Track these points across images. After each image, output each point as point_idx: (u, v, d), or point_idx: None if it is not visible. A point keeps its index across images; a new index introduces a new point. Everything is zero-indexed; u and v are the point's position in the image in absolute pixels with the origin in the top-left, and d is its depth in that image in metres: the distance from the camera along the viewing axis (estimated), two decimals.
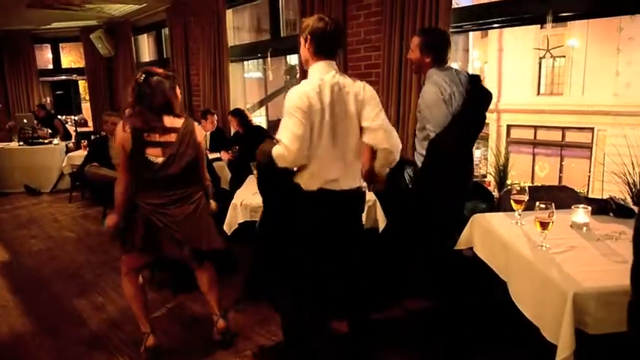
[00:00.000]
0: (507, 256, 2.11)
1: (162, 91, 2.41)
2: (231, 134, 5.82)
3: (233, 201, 3.20)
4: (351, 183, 2.23)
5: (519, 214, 2.33)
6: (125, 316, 3.20)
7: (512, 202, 2.34)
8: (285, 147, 2.05)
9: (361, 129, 2.16)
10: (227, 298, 3.29)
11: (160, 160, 2.40)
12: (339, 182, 2.17)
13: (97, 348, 2.83)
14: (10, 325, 3.15)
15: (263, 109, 9.77)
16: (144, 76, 2.42)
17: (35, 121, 7.93)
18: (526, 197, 2.30)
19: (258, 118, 9.17)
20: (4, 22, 8.13)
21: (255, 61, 7.58)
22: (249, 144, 4.88)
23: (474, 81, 2.80)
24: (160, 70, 2.48)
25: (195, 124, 2.57)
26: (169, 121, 2.44)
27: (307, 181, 2.15)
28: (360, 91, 2.15)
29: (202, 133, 2.63)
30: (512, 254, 2.07)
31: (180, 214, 2.48)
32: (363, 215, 2.45)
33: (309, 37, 2.13)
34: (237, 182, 4.06)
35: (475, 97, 2.77)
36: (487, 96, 2.84)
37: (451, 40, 3.52)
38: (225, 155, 5.20)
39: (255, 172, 3.36)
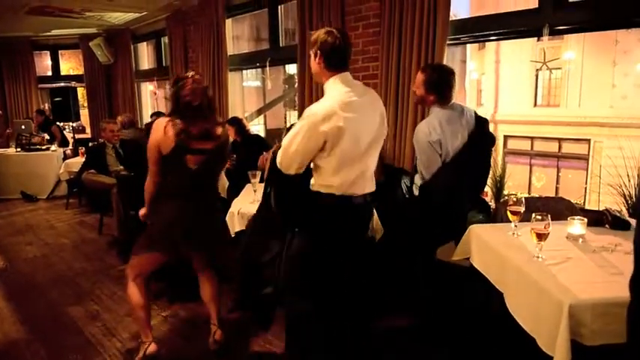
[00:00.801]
0: (503, 267, 2.11)
1: (203, 97, 2.42)
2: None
3: (230, 209, 3.20)
4: (368, 188, 2.24)
5: (515, 225, 2.34)
6: (120, 324, 3.19)
7: (508, 213, 2.35)
8: (282, 153, 2.10)
9: None
10: (222, 306, 3.29)
11: (195, 166, 2.43)
12: (359, 190, 2.18)
13: (93, 356, 2.81)
14: (5, 332, 3.13)
15: (261, 117, 9.80)
16: (183, 81, 2.41)
17: (34, 127, 7.94)
18: (522, 208, 2.31)
19: (257, 127, 9.19)
20: (3, 29, 8.14)
21: (253, 69, 7.61)
22: (247, 153, 4.91)
23: (480, 125, 2.84)
24: (197, 76, 2.46)
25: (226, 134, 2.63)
26: (209, 128, 2.45)
27: (326, 188, 2.14)
28: (379, 103, 2.24)
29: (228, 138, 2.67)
30: (508, 265, 2.07)
31: (199, 220, 2.53)
32: None
33: (318, 52, 2.11)
34: (234, 191, 4.05)
35: (476, 141, 2.80)
36: (490, 140, 2.90)
37: (445, 52, 3.59)
38: None
39: (253, 180, 3.37)
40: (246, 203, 3.23)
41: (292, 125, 2.28)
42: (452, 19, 3.73)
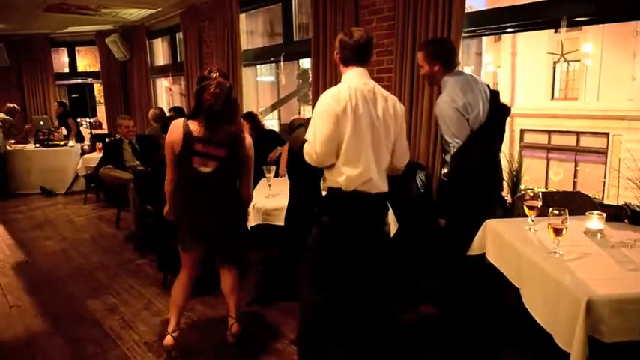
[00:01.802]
0: (520, 262, 2.10)
1: (226, 102, 2.43)
2: None
3: None
4: (383, 186, 2.27)
5: (532, 220, 2.31)
6: (138, 317, 3.25)
7: (525, 208, 2.32)
8: (312, 147, 2.15)
9: None
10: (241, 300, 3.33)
11: (206, 170, 2.47)
12: (373, 184, 2.20)
13: (111, 348, 2.86)
14: (26, 325, 3.20)
15: (275, 112, 9.80)
16: (206, 82, 2.43)
17: (54, 117, 8.11)
18: (539, 203, 2.28)
19: (271, 122, 9.19)
20: (22, 27, 8.27)
21: (267, 64, 7.62)
22: (262, 148, 4.92)
23: (494, 97, 2.79)
24: (221, 79, 2.46)
25: (249, 139, 2.60)
26: (224, 132, 2.46)
27: (341, 181, 2.18)
28: (397, 103, 2.29)
29: (252, 148, 2.63)
30: (524, 260, 2.05)
31: (208, 219, 2.56)
32: None
33: (337, 47, 2.30)
34: None
35: (495, 113, 2.75)
36: (506, 110, 2.84)
37: (460, 45, 3.54)
38: None
39: (267, 175, 3.38)
40: (261, 198, 3.24)
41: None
42: (467, 12, 3.69)
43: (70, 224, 5.81)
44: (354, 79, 2.22)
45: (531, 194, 2.33)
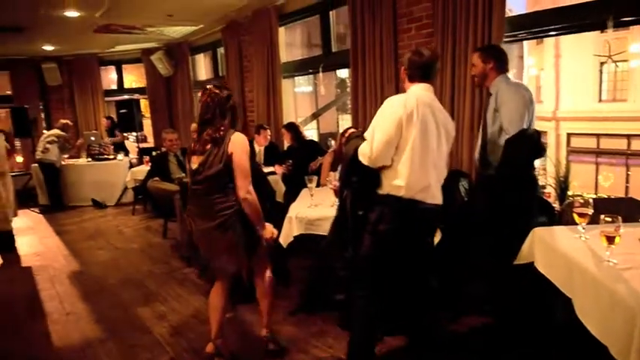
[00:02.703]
0: (571, 271, 2.04)
1: (207, 106, 2.58)
2: (285, 148, 5.95)
3: (288, 214, 3.26)
4: (439, 196, 2.34)
5: (583, 228, 2.24)
6: (186, 324, 3.34)
7: (575, 215, 2.26)
8: (369, 146, 2.24)
9: None
10: (282, 309, 3.37)
11: (197, 179, 2.58)
12: (431, 192, 2.28)
13: (161, 354, 2.96)
14: (81, 331, 3.35)
15: (314, 122, 9.91)
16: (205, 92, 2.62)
17: (103, 130, 8.57)
18: (590, 210, 2.21)
19: (310, 132, 9.30)
20: (73, 47, 8.76)
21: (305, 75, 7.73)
22: (303, 158, 4.99)
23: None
24: (211, 87, 2.64)
25: (238, 136, 2.56)
26: (210, 132, 2.56)
27: (400, 185, 2.24)
28: (449, 118, 2.44)
29: (243, 145, 2.55)
30: (576, 269, 1.99)
31: (202, 227, 2.62)
32: None
33: (405, 64, 2.43)
34: (291, 195, 4.13)
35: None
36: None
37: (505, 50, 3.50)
38: (279, 169, 5.32)
39: (309, 185, 3.42)
40: (304, 208, 3.28)
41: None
42: (508, 16, 3.63)
43: (120, 235, 6.05)
44: (420, 91, 2.33)
45: (581, 201, 2.26)
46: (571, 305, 1.99)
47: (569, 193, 3.78)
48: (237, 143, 2.53)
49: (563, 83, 14.81)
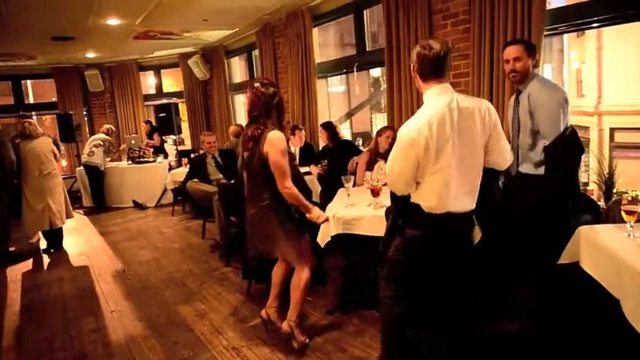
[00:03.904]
0: (620, 271, 1.96)
1: (254, 104, 2.73)
2: (320, 148, 5.96)
3: (326, 214, 3.27)
4: (470, 204, 2.24)
5: (632, 226, 2.16)
6: (226, 323, 3.40)
7: (622, 213, 2.18)
8: (388, 180, 2.26)
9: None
10: (319, 309, 3.39)
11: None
12: (459, 204, 2.18)
13: (202, 352, 3.02)
14: (125, 328, 3.47)
15: (347, 121, 9.91)
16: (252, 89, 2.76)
17: (144, 133, 8.91)
18: (639, 207, 2.13)
19: (343, 131, 9.30)
20: (114, 54, 9.07)
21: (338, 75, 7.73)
22: (339, 157, 4.99)
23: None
24: (257, 85, 2.76)
25: (273, 135, 2.64)
26: (251, 130, 2.72)
27: (424, 205, 2.18)
28: (486, 113, 2.15)
29: (277, 143, 2.62)
30: (625, 269, 1.92)
31: (249, 212, 2.85)
32: None
33: (414, 60, 2.19)
34: (327, 195, 4.14)
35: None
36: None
37: (542, 44, 3.44)
38: (314, 169, 5.34)
39: (346, 185, 3.41)
40: (341, 207, 3.28)
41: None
42: (548, 8, 3.52)
43: (161, 235, 6.21)
44: (435, 101, 2.11)
45: (629, 198, 2.18)
46: (618, 306, 1.92)
47: (614, 190, 3.64)
48: (273, 142, 2.62)
49: (606, 76, 14.23)
